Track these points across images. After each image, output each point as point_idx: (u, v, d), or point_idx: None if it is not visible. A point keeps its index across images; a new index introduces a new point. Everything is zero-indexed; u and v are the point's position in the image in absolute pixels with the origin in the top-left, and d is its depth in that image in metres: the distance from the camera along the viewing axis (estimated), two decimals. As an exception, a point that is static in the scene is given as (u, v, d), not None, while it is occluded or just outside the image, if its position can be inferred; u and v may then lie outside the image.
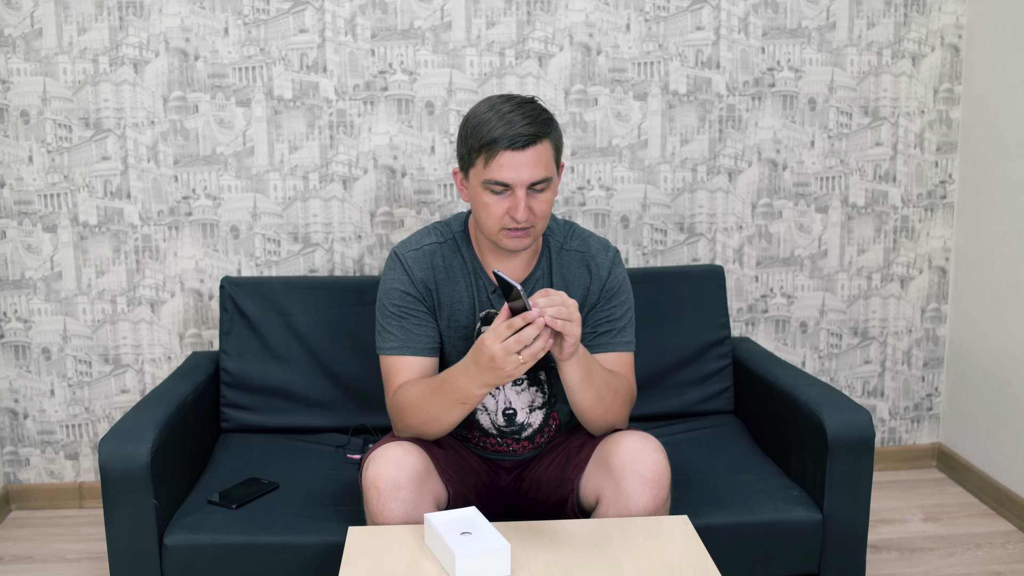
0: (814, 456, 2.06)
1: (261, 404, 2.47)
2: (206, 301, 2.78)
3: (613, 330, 1.85)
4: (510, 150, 1.66)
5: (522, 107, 1.69)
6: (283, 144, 2.72)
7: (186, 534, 1.95)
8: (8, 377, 2.79)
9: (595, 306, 1.86)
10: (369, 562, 1.51)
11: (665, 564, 1.48)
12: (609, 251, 1.90)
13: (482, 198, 1.72)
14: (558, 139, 1.75)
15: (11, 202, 2.70)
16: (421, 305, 1.84)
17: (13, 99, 2.65)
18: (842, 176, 2.89)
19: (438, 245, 1.87)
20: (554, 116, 1.75)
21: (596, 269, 1.87)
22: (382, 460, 1.69)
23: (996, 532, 2.64)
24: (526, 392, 1.89)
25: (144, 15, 2.63)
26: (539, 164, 1.68)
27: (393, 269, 1.86)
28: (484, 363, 1.54)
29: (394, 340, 1.82)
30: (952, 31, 2.85)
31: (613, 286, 1.87)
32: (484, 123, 1.69)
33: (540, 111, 1.71)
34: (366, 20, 2.68)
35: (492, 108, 1.70)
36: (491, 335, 1.52)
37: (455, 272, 1.86)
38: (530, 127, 1.66)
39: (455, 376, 1.64)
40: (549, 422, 1.93)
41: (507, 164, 1.67)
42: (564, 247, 1.88)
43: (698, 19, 2.76)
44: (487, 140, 1.67)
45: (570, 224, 1.93)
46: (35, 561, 2.54)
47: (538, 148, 1.68)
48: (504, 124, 1.66)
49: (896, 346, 3.01)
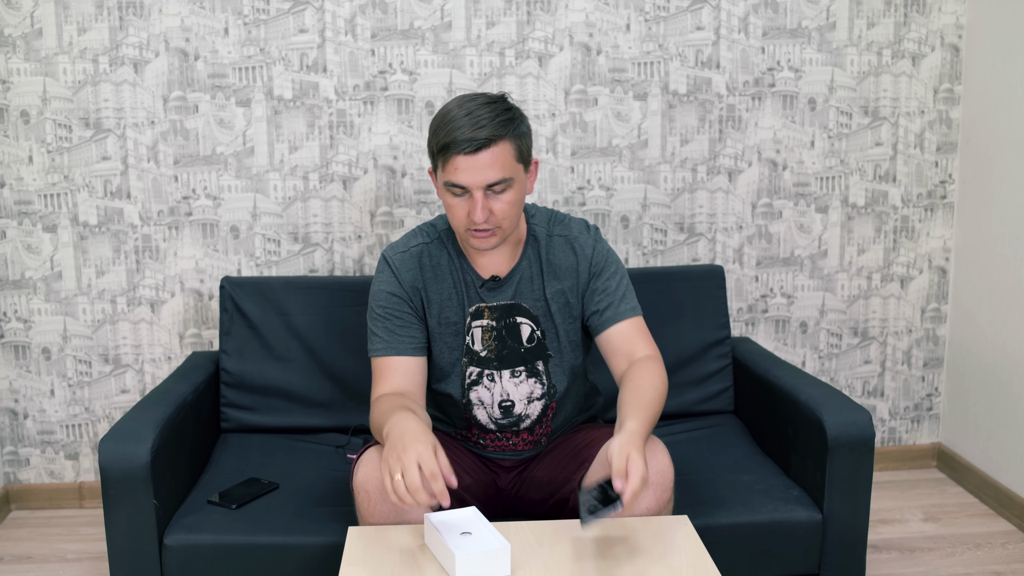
0: (814, 456, 2.06)
1: (261, 404, 2.47)
2: (206, 301, 2.78)
3: (614, 301, 1.85)
4: (463, 154, 1.66)
5: (481, 109, 1.68)
6: (283, 144, 2.72)
7: (186, 534, 1.95)
8: (8, 377, 2.79)
9: (588, 285, 1.87)
10: (369, 562, 1.51)
11: (665, 564, 1.48)
12: (590, 229, 1.90)
13: (446, 199, 1.74)
14: (520, 138, 1.72)
15: (11, 202, 2.70)
16: (407, 306, 1.85)
17: (13, 99, 2.65)
18: (842, 176, 2.89)
19: (425, 245, 1.88)
20: (519, 114, 1.73)
21: (581, 249, 1.87)
22: (371, 463, 1.70)
23: (996, 532, 2.64)
24: (524, 383, 1.89)
25: (144, 15, 2.63)
26: (494, 166, 1.67)
27: (382, 272, 1.87)
28: (391, 445, 1.53)
29: (379, 342, 1.84)
30: (952, 31, 2.85)
31: (600, 260, 1.87)
32: (442, 126, 1.69)
33: (500, 112, 1.69)
34: (366, 20, 2.68)
35: (453, 109, 1.70)
36: (420, 454, 1.48)
37: (442, 270, 1.87)
38: (483, 131, 1.65)
39: (395, 425, 1.60)
40: (547, 412, 1.93)
41: (462, 167, 1.67)
42: (549, 234, 1.89)
43: (698, 19, 2.76)
44: (442, 144, 1.68)
45: (550, 210, 1.93)
46: (35, 561, 2.54)
47: (493, 150, 1.67)
48: (459, 127, 1.66)
49: (896, 346, 3.01)
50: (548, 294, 1.86)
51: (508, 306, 1.86)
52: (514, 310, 1.86)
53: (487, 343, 1.86)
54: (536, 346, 1.88)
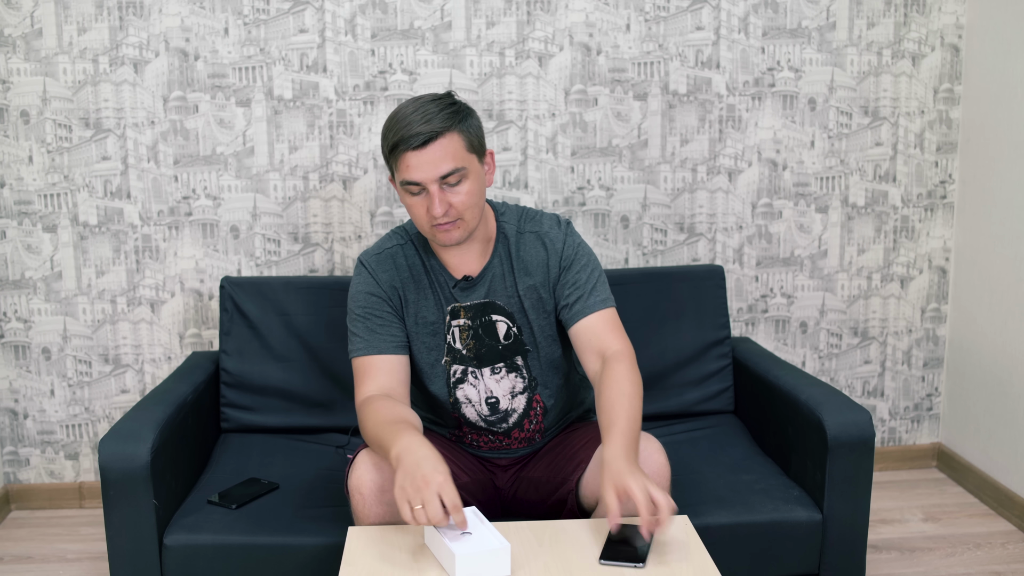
0: (814, 456, 2.06)
1: (261, 404, 2.48)
2: (206, 301, 2.78)
3: (583, 294, 1.84)
4: (412, 150, 1.68)
5: (425, 105, 1.70)
6: (283, 144, 2.72)
7: (186, 534, 1.95)
8: (8, 377, 2.79)
9: (558, 279, 1.86)
10: (369, 562, 1.51)
11: (665, 564, 1.48)
12: (561, 223, 1.90)
13: (406, 199, 1.75)
14: (469, 128, 1.73)
15: (11, 202, 2.70)
16: (386, 306, 1.85)
17: (13, 99, 2.65)
18: (842, 176, 2.89)
19: (399, 247, 1.89)
20: (466, 108, 1.75)
21: (551, 243, 1.87)
22: (365, 465, 1.71)
23: (996, 532, 2.64)
24: (505, 379, 1.89)
25: (144, 15, 2.63)
26: (444, 159, 1.68)
27: (359, 274, 1.88)
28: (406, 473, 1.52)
29: (360, 342, 1.83)
30: (952, 31, 2.85)
31: (570, 254, 1.87)
32: (390, 127, 1.72)
33: (445, 106, 1.71)
34: (366, 20, 2.68)
35: (398, 111, 1.73)
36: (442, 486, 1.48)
37: (418, 271, 1.87)
38: (428, 124, 1.67)
39: (389, 445, 1.60)
40: (533, 405, 1.93)
41: (412, 164, 1.69)
42: (520, 231, 1.89)
43: (698, 19, 2.76)
44: (392, 143, 1.70)
45: (521, 208, 1.93)
46: (35, 561, 2.54)
47: (441, 142, 1.68)
48: (404, 125, 1.68)
49: (896, 346, 3.01)
50: (520, 290, 1.86)
51: (482, 304, 1.86)
52: (489, 308, 1.86)
53: (465, 342, 1.87)
54: (513, 342, 1.88)
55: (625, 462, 1.55)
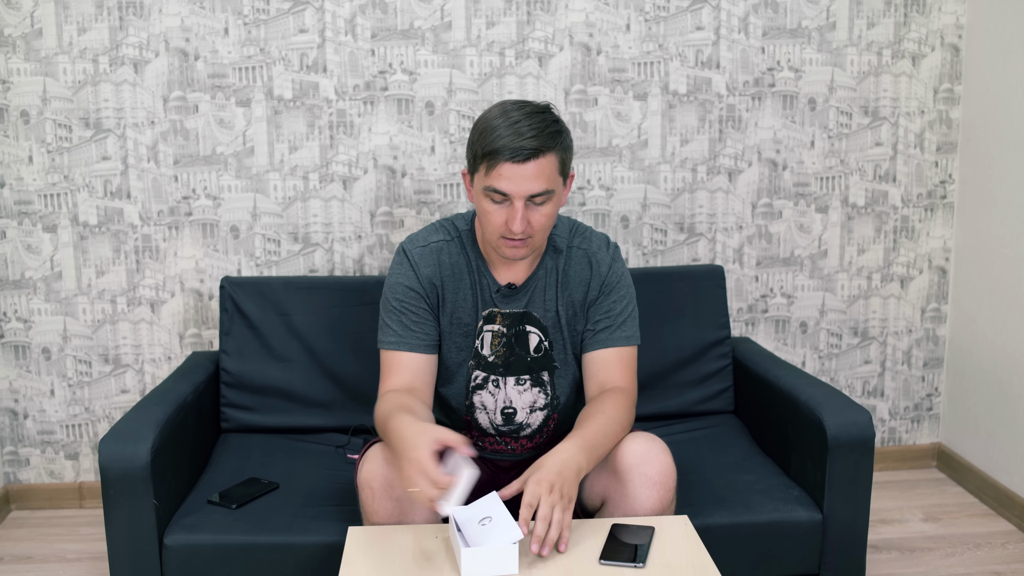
0: (814, 456, 2.06)
1: (261, 404, 2.47)
2: (206, 301, 2.78)
3: (612, 325, 1.85)
4: (511, 162, 1.65)
5: (531, 117, 1.67)
6: (283, 144, 2.72)
7: (186, 534, 1.95)
8: (8, 377, 2.79)
9: (595, 301, 1.86)
10: (369, 562, 1.51)
11: (665, 564, 1.49)
12: (610, 247, 1.90)
13: (483, 204, 1.72)
14: (565, 151, 1.72)
15: (11, 202, 2.70)
16: (423, 302, 1.84)
17: (13, 99, 2.65)
18: (842, 176, 2.89)
19: (445, 243, 1.87)
20: (565, 127, 1.73)
21: (597, 265, 1.87)
22: (376, 460, 1.70)
23: (996, 532, 2.64)
24: (528, 392, 1.89)
25: (144, 15, 2.63)
26: (540, 177, 1.67)
27: (400, 264, 1.86)
28: (397, 457, 1.55)
29: (392, 335, 1.83)
30: (952, 31, 2.85)
31: (612, 280, 1.87)
32: (490, 130, 1.68)
33: (549, 123, 1.69)
34: (366, 20, 2.68)
35: (502, 115, 1.69)
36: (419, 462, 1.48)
37: (460, 270, 1.86)
38: (534, 140, 1.64)
39: (394, 433, 1.61)
40: (548, 423, 1.93)
41: (507, 175, 1.66)
42: (570, 245, 1.88)
43: (698, 19, 2.76)
44: (490, 149, 1.66)
45: (573, 221, 1.93)
46: (35, 561, 2.54)
47: (540, 161, 1.66)
48: (509, 134, 1.65)
49: (896, 346, 3.01)
50: (560, 305, 1.86)
51: (520, 314, 1.86)
52: (525, 318, 1.86)
53: (496, 348, 1.86)
54: (543, 356, 1.88)
55: (564, 465, 1.56)
